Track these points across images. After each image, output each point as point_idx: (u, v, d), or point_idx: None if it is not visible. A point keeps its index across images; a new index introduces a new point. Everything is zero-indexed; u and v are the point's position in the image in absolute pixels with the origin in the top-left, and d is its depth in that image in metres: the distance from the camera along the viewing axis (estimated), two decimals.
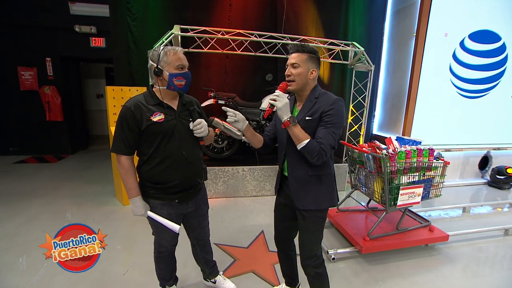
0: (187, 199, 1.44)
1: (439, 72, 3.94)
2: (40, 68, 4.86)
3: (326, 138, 1.25)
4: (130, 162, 1.33)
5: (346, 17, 4.08)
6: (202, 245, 1.71)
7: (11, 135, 5.00)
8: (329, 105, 1.27)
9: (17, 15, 4.62)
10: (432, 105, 4.02)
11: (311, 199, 1.37)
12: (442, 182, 2.33)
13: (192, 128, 1.35)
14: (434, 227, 2.45)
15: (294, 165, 1.39)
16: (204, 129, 1.36)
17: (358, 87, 4.00)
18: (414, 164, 2.18)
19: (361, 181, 2.54)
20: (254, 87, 3.96)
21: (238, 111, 1.33)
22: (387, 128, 4.48)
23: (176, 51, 1.30)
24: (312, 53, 1.31)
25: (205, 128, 1.36)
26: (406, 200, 2.20)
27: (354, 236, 2.31)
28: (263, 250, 2.36)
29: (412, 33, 3.87)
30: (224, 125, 1.37)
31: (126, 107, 1.27)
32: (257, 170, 3.54)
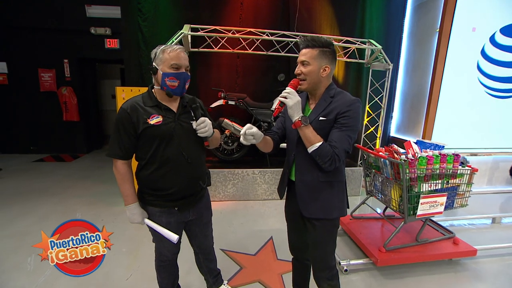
0: (188, 207, 1.36)
1: (465, 70, 3.66)
2: (58, 70, 5.03)
3: (341, 141, 1.14)
4: (126, 167, 1.26)
5: (363, 13, 3.87)
6: (205, 254, 1.63)
7: (32, 134, 5.21)
8: (346, 106, 1.16)
9: (38, 19, 4.79)
10: (456, 106, 3.74)
11: (319, 207, 1.26)
12: (468, 191, 2.12)
13: (196, 128, 1.25)
14: (459, 240, 2.23)
15: (303, 170, 1.28)
16: (209, 128, 1.26)
17: (375, 87, 3.80)
18: (436, 171, 1.99)
19: (377, 187, 2.37)
20: (266, 87, 3.85)
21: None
22: (406, 130, 4.22)
23: (174, 49, 1.21)
24: (325, 47, 1.18)
25: (209, 127, 1.26)
26: (427, 210, 2.02)
27: (369, 246, 2.15)
28: (271, 258, 2.25)
29: (435, 28, 3.61)
30: (234, 126, 1.30)
31: (123, 109, 1.21)
32: (268, 173, 3.43)
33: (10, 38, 4.82)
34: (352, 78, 4.04)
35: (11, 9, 4.72)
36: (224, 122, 1.42)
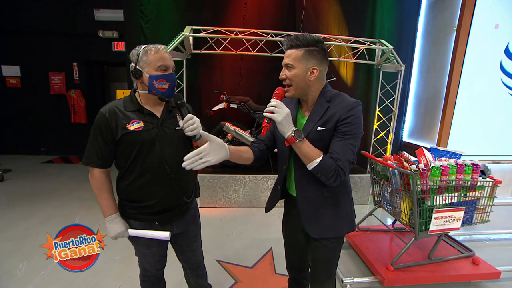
0: (171, 221, 1.25)
1: (486, 71, 3.39)
2: (67, 73, 5.13)
3: (344, 152, 1.01)
4: (104, 176, 1.17)
5: (373, 12, 3.68)
6: (194, 269, 1.51)
7: (42, 136, 5.32)
8: (347, 111, 1.02)
9: (49, 24, 4.90)
10: (476, 109, 3.46)
11: (327, 225, 1.14)
12: (490, 205, 1.90)
13: (183, 126, 1.11)
14: (480, 259, 2.00)
15: (304, 185, 1.14)
16: (197, 125, 1.11)
17: (386, 89, 3.59)
18: (452, 183, 1.79)
19: (385, 198, 2.18)
20: (270, 90, 3.66)
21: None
22: (419, 135, 3.97)
23: (158, 49, 1.12)
24: (311, 46, 1.03)
25: (198, 124, 1.12)
26: (441, 226, 1.82)
27: (375, 263, 1.97)
28: (269, 272, 2.11)
29: (453, 26, 3.37)
30: (236, 130, 1.18)
31: (101, 113, 1.12)
32: (271, 179, 3.30)
33: (23, 42, 4.95)
34: (362, 80, 3.84)
35: (24, 15, 4.85)
36: (226, 126, 1.32)
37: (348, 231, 1.19)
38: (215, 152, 0.99)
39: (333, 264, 1.24)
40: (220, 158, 1.01)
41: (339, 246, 1.22)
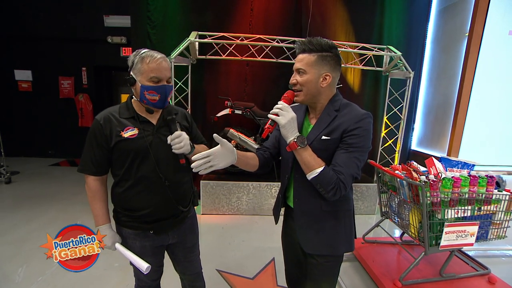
0: (166, 230, 1.21)
1: (499, 77, 3.28)
2: (76, 77, 5.23)
3: (347, 166, 0.95)
4: (98, 184, 1.14)
5: (382, 18, 3.63)
6: (191, 280, 1.46)
7: (50, 139, 5.42)
8: (355, 122, 0.97)
9: (60, 30, 5.03)
10: (489, 117, 3.34)
11: (324, 242, 1.09)
12: (507, 220, 1.78)
13: (170, 142, 1.09)
14: (496, 278, 1.88)
15: (302, 196, 1.10)
16: (185, 144, 1.09)
17: (394, 96, 3.51)
18: (465, 195, 1.70)
19: (393, 209, 2.09)
20: (276, 96, 3.64)
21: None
22: (428, 144, 3.85)
23: (154, 58, 1.07)
24: (325, 51, 1.00)
25: (185, 142, 1.09)
26: (453, 241, 1.72)
27: (382, 278, 1.87)
28: (271, 284, 2.04)
29: (464, 33, 3.29)
30: (240, 136, 1.15)
31: (96, 120, 1.10)
32: (275, 187, 3.23)
33: (35, 48, 5.10)
34: (369, 87, 3.77)
35: (36, 21, 5.00)
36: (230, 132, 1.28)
37: (346, 251, 1.13)
38: (223, 156, 0.97)
39: (328, 284, 1.16)
40: (227, 163, 0.98)
41: (336, 267, 1.16)
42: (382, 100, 3.67)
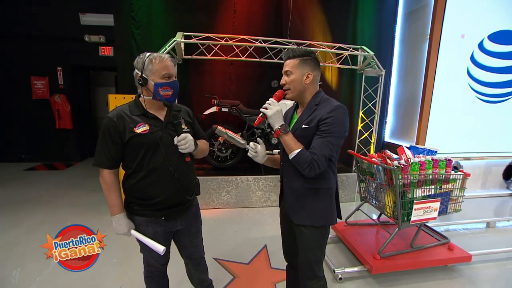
0: (175, 216, 1.34)
1: (456, 76, 3.71)
2: (51, 77, 4.99)
3: (321, 148, 1.16)
4: (113, 177, 1.24)
5: (355, 20, 3.93)
6: (196, 264, 1.59)
7: (23, 142, 5.13)
8: (328, 112, 1.18)
9: (31, 27, 4.78)
10: (448, 111, 3.78)
11: (306, 213, 1.28)
12: (462, 196, 2.11)
13: (176, 143, 1.25)
14: (454, 245, 2.22)
15: (289, 176, 1.31)
16: (189, 145, 1.25)
17: (368, 92, 3.83)
18: (429, 176, 1.99)
19: (371, 193, 2.36)
20: (259, 94, 3.86)
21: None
22: (399, 135, 4.25)
23: (162, 58, 1.21)
24: (305, 56, 1.24)
25: (190, 143, 1.25)
26: (421, 216, 2.01)
27: (363, 253, 2.13)
28: (265, 267, 2.21)
29: (426, 35, 3.68)
30: (227, 133, 1.31)
31: (109, 117, 1.19)
32: (262, 180, 3.41)
33: (3, 46, 4.80)
34: (346, 84, 4.07)
35: (4, 17, 4.71)
36: (218, 129, 1.42)
37: (324, 223, 1.29)
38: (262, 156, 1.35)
39: (313, 253, 1.31)
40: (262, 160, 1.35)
41: (318, 237, 1.30)
42: (358, 96, 3.98)
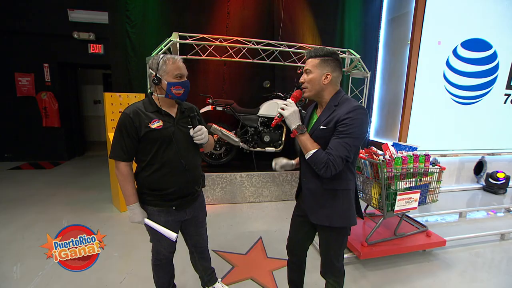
0: (185, 206, 1.44)
1: (434, 79, 4.01)
2: (37, 74, 4.85)
3: (337, 149, 1.15)
4: (128, 169, 1.33)
5: (342, 25, 4.15)
6: (200, 252, 1.70)
7: (6, 141, 4.96)
8: (346, 113, 1.16)
9: (16, 22, 4.63)
10: (427, 111, 4.07)
11: (324, 214, 1.29)
12: (438, 188, 2.35)
13: (193, 135, 1.35)
14: (431, 232, 2.46)
15: (307, 176, 1.33)
16: (205, 136, 1.36)
17: (355, 93, 4.05)
18: (410, 170, 2.20)
19: (358, 187, 2.55)
20: (252, 94, 3.99)
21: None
22: (383, 134, 4.52)
23: (175, 60, 1.31)
24: (326, 56, 1.23)
25: (205, 134, 1.36)
26: (403, 206, 2.22)
27: (352, 241, 2.31)
28: (262, 257, 2.35)
29: (407, 40, 3.95)
30: (222, 131, 1.40)
31: (125, 114, 1.28)
32: (254, 176, 3.54)
33: None
34: None
35: None
36: (213, 127, 1.53)
37: (344, 224, 1.29)
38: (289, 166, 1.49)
39: (332, 250, 1.35)
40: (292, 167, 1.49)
41: (337, 237, 1.33)
42: None
